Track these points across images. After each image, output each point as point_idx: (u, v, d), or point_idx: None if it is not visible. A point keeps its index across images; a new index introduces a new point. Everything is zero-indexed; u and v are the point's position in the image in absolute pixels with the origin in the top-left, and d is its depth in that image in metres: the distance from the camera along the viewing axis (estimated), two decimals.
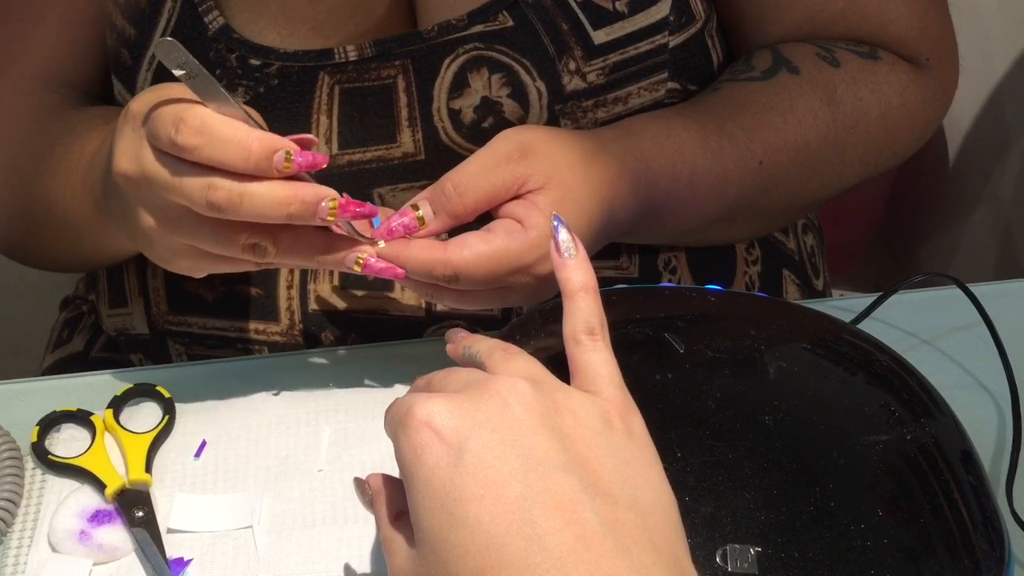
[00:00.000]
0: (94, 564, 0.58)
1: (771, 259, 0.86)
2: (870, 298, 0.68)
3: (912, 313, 0.70)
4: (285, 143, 0.56)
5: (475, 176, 0.61)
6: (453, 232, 0.61)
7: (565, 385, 0.48)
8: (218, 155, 0.55)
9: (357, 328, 0.73)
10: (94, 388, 0.67)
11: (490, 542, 0.41)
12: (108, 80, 0.77)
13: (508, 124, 0.71)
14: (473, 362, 0.52)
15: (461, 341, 0.54)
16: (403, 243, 0.60)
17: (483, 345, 0.51)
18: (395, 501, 0.49)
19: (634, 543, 0.42)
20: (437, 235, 0.61)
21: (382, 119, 0.71)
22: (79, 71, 0.80)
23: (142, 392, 0.66)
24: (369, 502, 0.51)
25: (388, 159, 0.71)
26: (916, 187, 1.43)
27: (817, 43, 0.77)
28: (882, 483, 0.52)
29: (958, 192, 1.36)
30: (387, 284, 0.72)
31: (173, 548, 0.59)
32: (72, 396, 0.67)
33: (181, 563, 0.57)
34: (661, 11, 0.71)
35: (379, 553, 0.55)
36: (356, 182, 0.72)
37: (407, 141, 0.71)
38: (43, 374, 0.86)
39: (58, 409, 0.65)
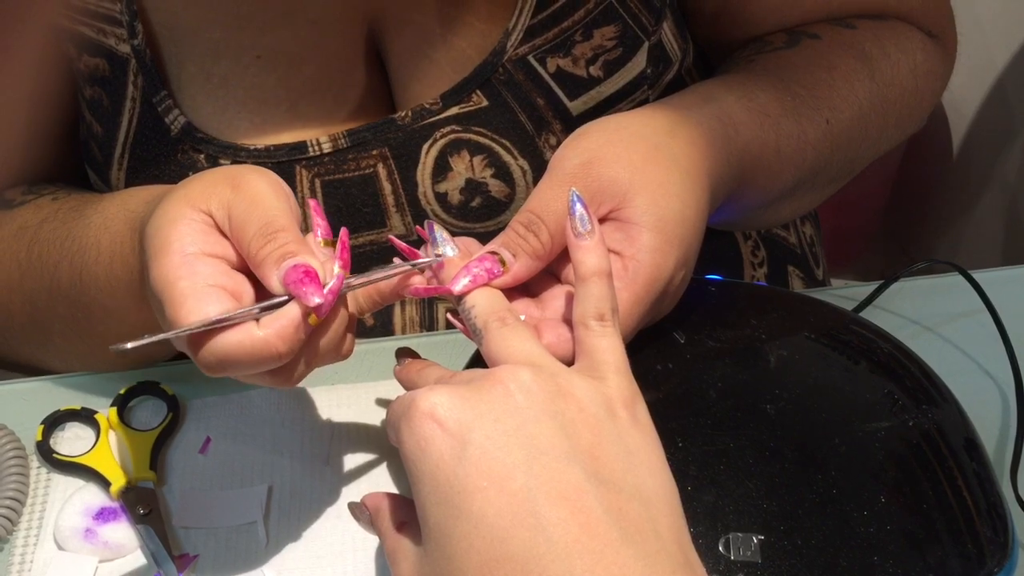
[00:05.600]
0: (100, 561, 0.58)
1: (776, 258, 0.85)
2: (872, 286, 0.68)
3: (914, 301, 0.70)
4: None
5: (543, 209, 0.54)
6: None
7: (567, 369, 0.47)
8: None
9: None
10: (98, 386, 0.67)
11: (494, 535, 0.41)
12: (82, 168, 0.75)
13: (496, 202, 0.69)
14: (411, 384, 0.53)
15: (410, 367, 0.54)
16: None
17: (478, 310, 0.51)
18: (397, 512, 0.49)
19: (638, 532, 0.42)
20: (521, 281, 0.54)
21: (369, 207, 0.70)
22: (51, 167, 0.76)
23: (146, 390, 0.66)
24: (368, 522, 0.51)
25: (381, 242, 0.71)
26: (920, 175, 1.42)
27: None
28: (885, 471, 0.52)
29: (963, 179, 1.35)
30: None
31: (179, 544, 0.59)
32: (76, 395, 0.67)
33: (187, 559, 0.58)
34: (638, 65, 0.69)
35: None
36: (352, 265, 0.67)
37: (398, 225, 0.70)
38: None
39: (62, 408, 0.65)
